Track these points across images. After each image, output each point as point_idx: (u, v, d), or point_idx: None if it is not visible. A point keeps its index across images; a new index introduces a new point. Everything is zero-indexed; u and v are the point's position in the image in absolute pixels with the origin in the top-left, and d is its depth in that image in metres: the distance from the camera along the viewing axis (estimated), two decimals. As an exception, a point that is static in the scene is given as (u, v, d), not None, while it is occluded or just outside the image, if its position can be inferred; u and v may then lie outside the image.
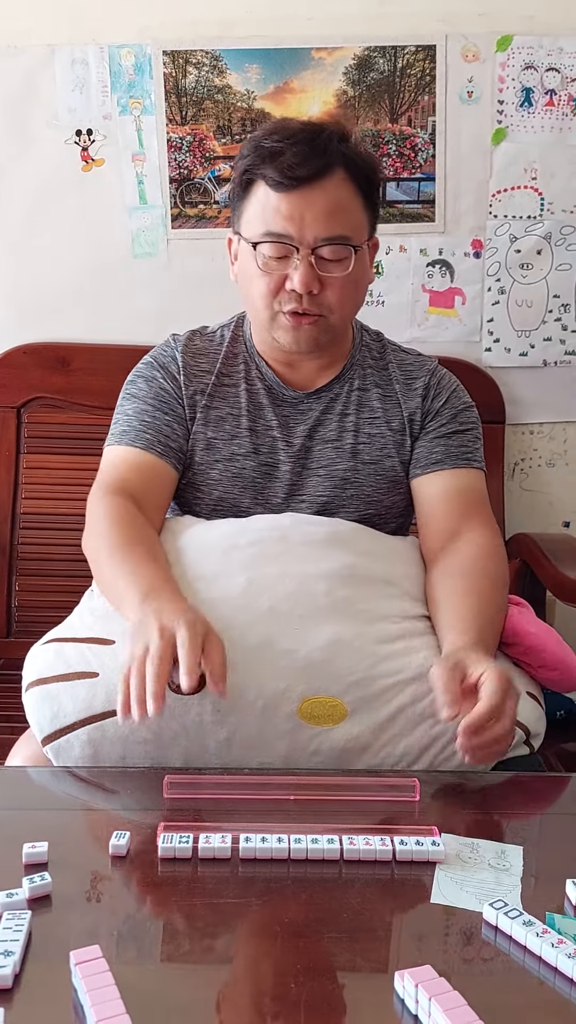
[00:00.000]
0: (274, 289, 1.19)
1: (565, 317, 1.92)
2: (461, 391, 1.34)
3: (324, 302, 1.19)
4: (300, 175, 1.14)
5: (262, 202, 1.17)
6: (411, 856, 0.83)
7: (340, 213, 1.17)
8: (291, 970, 0.69)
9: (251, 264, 1.20)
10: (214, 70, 1.83)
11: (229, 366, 1.31)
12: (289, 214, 1.15)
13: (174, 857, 0.83)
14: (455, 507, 1.25)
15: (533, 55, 1.82)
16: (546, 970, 0.70)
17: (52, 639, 1.12)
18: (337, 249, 1.17)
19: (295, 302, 1.18)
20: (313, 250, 1.16)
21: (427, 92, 1.83)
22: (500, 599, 1.16)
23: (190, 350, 1.31)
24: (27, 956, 0.70)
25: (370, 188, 1.21)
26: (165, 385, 1.28)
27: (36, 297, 1.90)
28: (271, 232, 1.16)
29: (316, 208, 1.15)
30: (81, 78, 1.83)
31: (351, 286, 1.21)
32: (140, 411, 1.27)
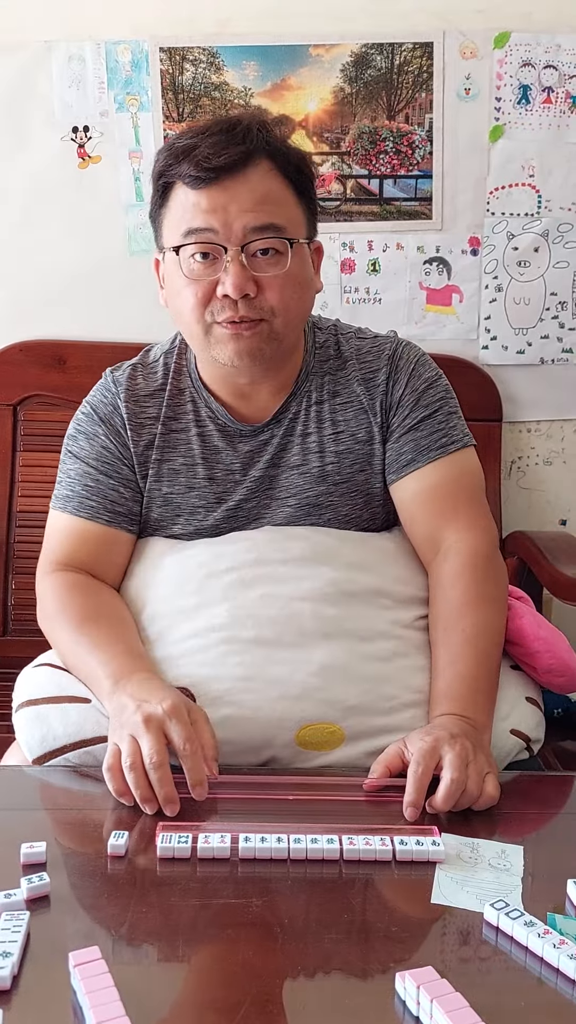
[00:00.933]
0: (204, 298, 1.06)
1: (562, 315, 1.92)
2: (422, 366, 1.19)
3: (263, 305, 1.06)
4: (218, 164, 1.03)
5: (181, 203, 1.06)
6: (411, 856, 0.83)
7: (269, 203, 1.05)
8: (291, 971, 0.69)
9: (176, 274, 1.07)
10: (211, 67, 1.82)
11: (176, 407, 1.18)
12: (211, 207, 1.04)
13: (173, 857, 0.82)
14: (433, 509, 1.15)
15: (531, 52, 1.82)
16: (548, 971, 0.70)
17: (45, 663, 1.11)
18: (271, 243, 1.05)
19: (230, 309, 1.05)
20: (243, 247, 1.04)
21: (424, 89, 1.83)
22: (491, 638, 1.07)
23: (133, 395, 1.18)
24: (25, 957, 0.70)
25: (302, 180, 1.09)
26: (108, 444, 1.18)
27: (32, 294, 1.89)
28: (192, 229, 1.05)
29: (241, 198, 1.03)
30: (78, 75, 1.82)
31: (293, 285, 1.07)
32: (83, 473, 1.17)
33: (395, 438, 1.18)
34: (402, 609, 1.12)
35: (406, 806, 0.89)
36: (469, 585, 1.10)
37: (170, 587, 1.13)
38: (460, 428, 1.19)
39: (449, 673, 1.04)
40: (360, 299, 1.90)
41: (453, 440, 1.17)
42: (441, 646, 1.07)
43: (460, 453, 1.17)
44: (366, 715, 1.02)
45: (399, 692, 1.05)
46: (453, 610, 1.09)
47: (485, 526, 1.16)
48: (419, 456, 1.16)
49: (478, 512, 1.17)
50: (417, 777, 0.90)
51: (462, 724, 0.97)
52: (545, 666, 1.13)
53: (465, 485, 1.17)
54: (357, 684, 1.03)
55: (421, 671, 1.08)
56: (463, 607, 1.08)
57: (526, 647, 1.13)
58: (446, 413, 1.18)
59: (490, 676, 1.05)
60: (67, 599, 1.12)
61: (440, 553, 1.14)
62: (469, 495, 1.17)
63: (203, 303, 1.06)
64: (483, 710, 1.02)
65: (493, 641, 1.08)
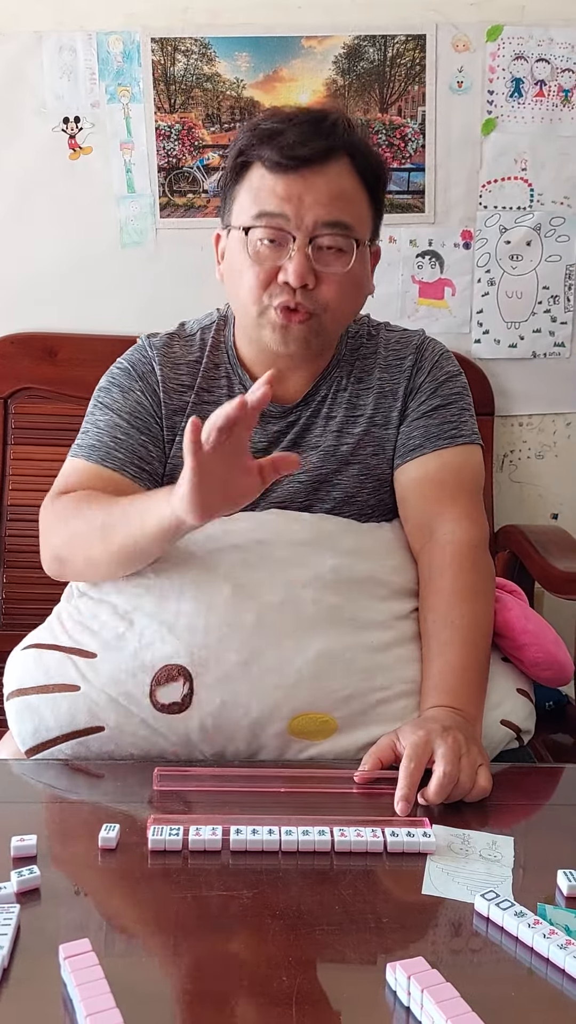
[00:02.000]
0: (264, 281, 1.09)
1: (554, 309, 1.92)
2: (446, 360, 1.23)
3: (319, 298, 1.09)
4: (301, 155, 1.05)
5: (256, 185, 1.09)
6: (402, 847, 0.83)
7: (343, 200, 1.08)
8: (282, 962, 0.69)
9: (241, 253, 1.10)
10: (203, 58, 1.81)
11: (210, 379, 1.20)
12: (287, 194, 1.06)
13: (164, 849, 0.82)
14: (429, 496, 1.16)
15: (523, 45, 1.81)
16: (538, 961, 0.70)
17: (32, 644, 1.09)
18: (337, 239, 1.08)
19: (287, 294, 1.08)
20: (311, 240, 1.07)
21: (417, 82, 1.82)
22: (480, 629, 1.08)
23: (168, 360, 1.20)
24: (16, 950, 0.70)
25: (376, 185, 1.12)
26: (143, 400, 1.18)
27: (23, 287, 1.88)
28: (265, 212, 1.07)
29: (317, 191, 1.06)
30: (69, 65, 1.81)
31: (350, 284, 1.11)
32: (113, 425, 1.17)
33: (408, 422, 1.20)
34: (398, 600, 1.12)
35: (397, 800, 0.89)
36: (458, 576, 1.10)
37: (175, 553, 1.10)
38: (471, 426, 1.21)
39: (439, 664, 1.04)
40: (352, 292, 1.90)
41: (462, 433, 1.19)
42: (431, 637, 1.07)
43: (466, 448, 1.19)
44: (359, 705, 1.03)
45: (392, 683, 1.05)
46: (443, 601, 1.09)
47: (477, 519, 1.16)
48: (426, 443, 1.18)
49: (472, 505, 1.17)
50: (409, 772, 0.90)
51: (454, 716, 0.97)
52: (532, 659, 1.13)
53: (465, 479, 1.18)
54: (351, 674, 1.03)
55: (414, 662, 1.08)
56: (453, 598, 1.08)
57: (514, 640, 1.14)
58: (460, 408, 1.20)
59: (480, 667, 1.06)
60: (90, 497, 1.10)
61: (431, 541, 1.14)
62: (467, 488, 1.17)
63: (263, 285, 1.09)
64: (474, 701, 1.02)
65: (482, 632, 1.08)
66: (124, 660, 1.03)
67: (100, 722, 1.01)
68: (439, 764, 0.90)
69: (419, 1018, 0.63)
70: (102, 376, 1.23)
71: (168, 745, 1.02)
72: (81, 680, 1.03)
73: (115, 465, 1.15)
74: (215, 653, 1.02)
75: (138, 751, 1.02)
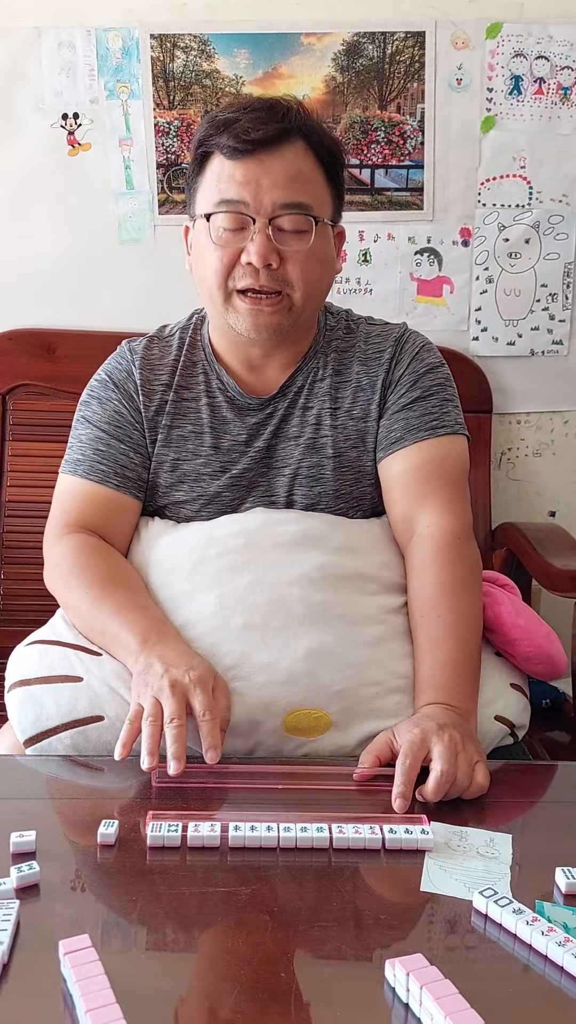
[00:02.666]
0: (228, 264, 1.11)
1: (552, 306, 1.92)
2: (427, 352, 1.23)
3: (284, 277, 1.10)
4: (256, 138, 1.08)
5: (216, 173, 1.11)
6: (400, 844, 0.83)
7: (300, 181, 1.10)
8: (281, 959, 0.69)
9: (205, 239, 1.12)
10: (202, 54, 1.81)
11: (188, 376, 1.22)
12: (245, 179, 1.08)
13: (163, 846, 0.82)
14: (412, 490, 1.16)
15: (523, 43, 1.81)
16: (536, 958, 0.70)
17: (36, 640, 1.11)
18: (297, 219, 1.10)
19: (251, 277, 1.10)
20: (271, 220, 1.09)
21: (416, 79, 1.82)
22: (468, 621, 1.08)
23: (147, 363, 1.22)
24: (15, 946, 0.70)
25: (333, 164, 1.14)
26: (121, 408, 1.21)
27: (21, 283, 1.88)
28: (225, 200, 1.10)
29: (274, 173, 1.08)
30: (68, 61, 1.80)
31: (314, 261, 1.12)
32: (95, 438, 1.20)
33: (388, 415, 1.19)
34: (388, 594, 1.13)
35: (395, 797, 0.89)
36: (443, 569, 1.10)
37: (162, 574, 1.13)
38: (454, 416, 1.20)
39: (430, 660, 1.04)
40: (351, 290, 1.90)
41: (444, 424, 1.18)
42: (420, 632, 1.08)
43: (449, 439, 1.18)
44: (352, 701, 1.03)
45: (385, 677, 1.05)
46: (429, 596, 1.09)
47: (459, 510, 1.16)
48: (407, 435, 1.17)
49: (454, 496, 1.16)
50: (405, 770, 0.90)
51: (449, 713, 0.98)
52: (523, 654, 1.14)
53: (448, 470, 1.17)
54: (344, 670, 1.03)
55: (407, 656, 1.08)
56: (439, 593, 1.09)
57: (504, 635, 1.14)
58: (441, 399, 1.20)
59: (471, 661, 1.06)
60: (84, 561, 1.13)
61: (415, 536, 1.15)
62: (449, 480, 1.17)
63: (227, 268, 1.11)
64: (467, 696, 1.02)
65: (471, 625, 1.08)
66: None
67: (100, 712, 1.02)
68: (436, 762, 0.90)
69: (418, 1015, 0.64)
70: (89, 381, 1.27)
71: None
72: (84, 672, 1.04)
73: (99, 478, 1.19)
74: (209, 658, 1.02)
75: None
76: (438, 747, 0.91)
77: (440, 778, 0.89)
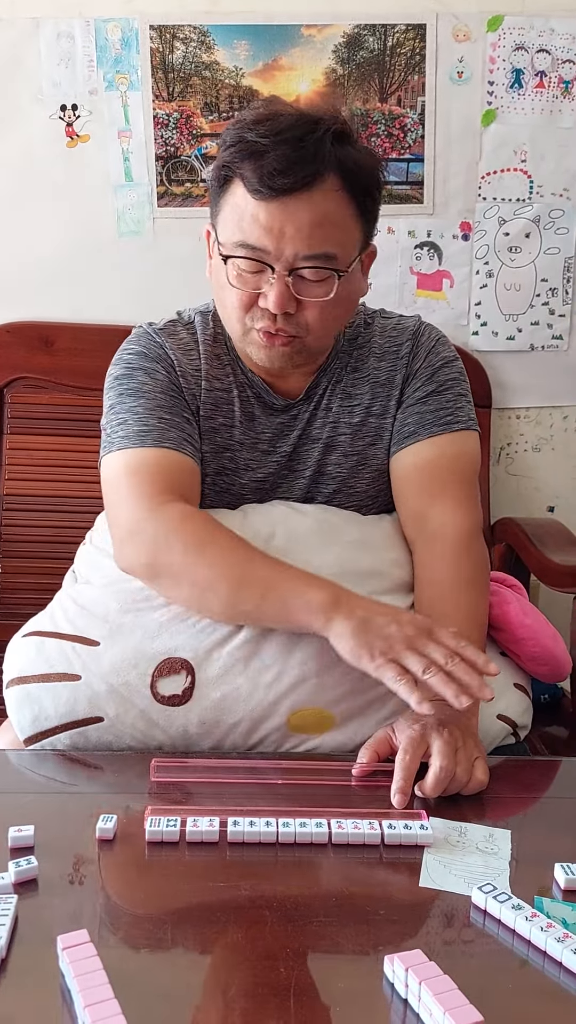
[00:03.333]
0: (246, 304, 1.07)
1: (553, 301, 1.91)
2: (443, 345, 1.21)
3: (300, 322, 1.07)
4: (281, 186, 1.00)
5: (240, 207, 1.04)
6: (399, 840, 0.83)
7: (327, 228, 1.03)
8: (280, 954, 0.69)
9: (222, 273, 1.07)
10: (202, 46, 1.80)
11: (216, 368, 1.18)
12: (268, 225, 1.02)
13: (161, 841, 0.82)
14: (422, 485, 1.15)
15: (524, 36, 1.81)
16: (535, 954, 0.70)
17: (33, 632, 1.09)
18: (319, 272, 1.04)
19: (268, 320, 1.06)
20: (292, 270, 1.04)
21: (417, 72, 1.81)
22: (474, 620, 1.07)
23: (178, 345, 1.17)
24: (13, 940, 0.70)
25: (367, 198, 1.08)
26: (172, 377, 1.15)
27: (19, 275, 1.87)
28: (246, 244, 1.04)
29: (298, 221, 1.02)
30: (67, 52, 1.79)
31: (333, 308, 1.07)
32: (153, 407, 1.12)
33: (403, 408, 1.18)
34: (398, 594, 1.12)
35: (394, 793, 0.89)
36: (451, 567, 1.10)
37: None
38: (467, 412, 1.19)
39: None
40: (350, 283, 1.89)
41: (458, 420, 1.17)
42: None
43: (462, 434, 1.17)
44: (357, 700, 1.02)
45: None
46: (436, 594, 1.09)
47: (470, 508, 1.15)
48: (420, 430, 1.16)
49: (466, 494, 1.16)
50: (405, 765, 0.90)
51: (449, 710, 0.97)
52: (529, 654, 1.13)
53: (460, 467, 1.16)
54: (352, 670, 1.02)
55: None
56: (445, 591, 1.08)
57: (511, 634, 1.14)
58: (455, 394, 1.18)
59: None
60: (212, 530, 1.05)
61: (424, 533, 1.14)
62: (461, 477, 1.16)
63: (245, 308, 1.07)
64: None
65: (476, 624, 1.08)
66: (127, 650, 1.02)
67: (100, 712, 1.01)
68: (435, 758, 0.90)
69: (416, 1010, 0.63)
70: (104, 363, 1.20)
71: (166, 738, 1.02)
72: (82, 669, 1.03)
73: (174, 445, 1.11)
74: (218, 648, 1.02)
75: (136, 743, 1.02)
76: (437, 743, 0.91)
77: (439, 774, 0.89)
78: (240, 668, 1.01)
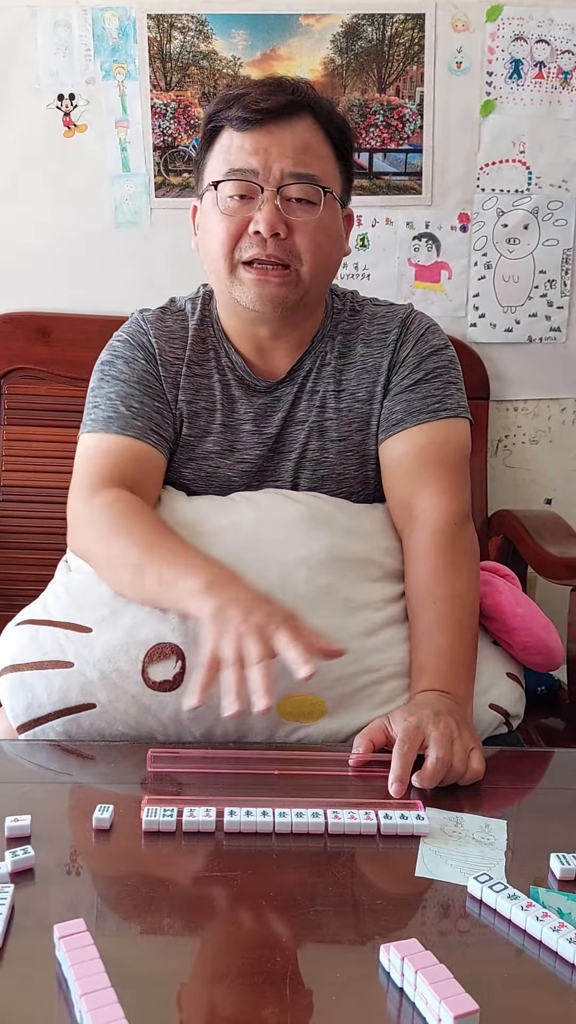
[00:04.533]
0: (235, 233, 1.09)
1: (551, 293, 1.91)
2: (432, 333, 1.21)
3: (292, 249, 1.09)
4: (265, 108, 1.08)
5: (226, 145, 1.11)
6: (396, 830, 0.83)
7: (309, 154, 1.10)
8: (276, 943, 0.69)
9: (212, 210, 1.11)
10: (200, 35, 1.79)
11: (199, 352, 1.20)
12: (254, 148, 1.09)
13: (158, 830, 0.82)
14: (411, 473, 1.15)
15: (523, 26, 1.80)
16: (531, 943, 0.70)
17: (27, 620, 1.09)
18: (306, 189, 1.09)
19: (258, 247, 1.08)
20: (279, 190, 1.08)
21: (416, 62, 1.81)
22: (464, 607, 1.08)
23: (162, 333, 1.20)
24: (10, 930, 0.70)
25: (342, 142, 1.14)
26: (148, 368, 1.19)
27: (16, 266, 1.86)
28: (234, 169, 1.09)
29: (283, 143, 1.09)
30: (64, 41, 1.78)
31: (322, 234, 1.11)
32: (126, 394, 1.16)
33: (391, 396, 1.18)
34: (389, 581, 1.12)
35: (392, 782, 0.89)
36: (440, 554, 1.10)
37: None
38: (456, 399, 1.19)
39: (426, 646, 1.04)
40: (349, 275, 1.89)
41: (446, 407, 1.17)
42: (417, 618, 1.08)
43: (450, 422, 1.17)
44: (349, 687, 1.03)
45: (382, 664, 1.05)
46: (425, 581, 1.09)
47: (457, 495, 1.15)
48: (408, 417, 1.16)
49: (453, 481, 1.15)
50: (402, 754, 0.90)
51: (445, 700, 0.98)
52: (521, 644, 1.13)
53: (448, 454, 1.16)
54: (343, 656, 1.03)
55: (404, 642, 1.08)
56: (435, 578, 1.09)
57: (503, 624, 1.14)
58: (445, 381, 1.18)
59: (467, 647, 1.06)
60: (130, 514, 1.08)
61: (412, 521, 1.14)
62: (449, 464, 1.16)
63: (234, 238, 1.10)
64: (463, 683, 1.02)
65: (467, 610, 1.08)
66: (118, 635, 1.03)
67: (92, 699, 1.01)
68: (432, 749, 0.90)
69: (412, 999, 0.64)
70: (100, 353, 1.23)
71: (158, 724, 1.02)
72: (75, 656, 1.03)
73: (136, 433, 1.15)
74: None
75: (129, 729, 1.02)
76: (434, 734, 0.91)
77: (436, 765, 0.89)
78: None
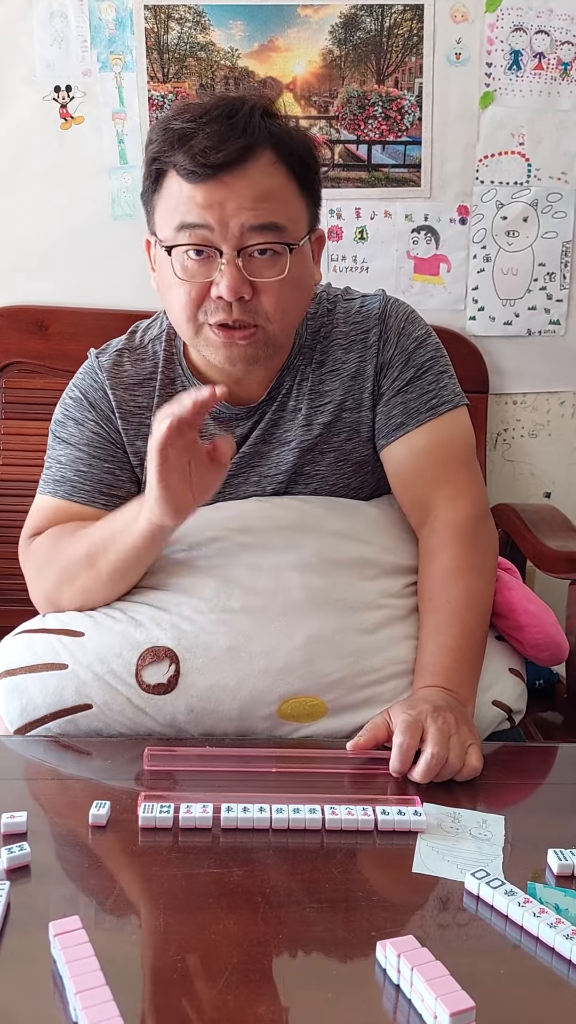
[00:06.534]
0: (197, 298, 1.01)
1: (550, 286, 1.90)
2: (411, 323, 1.15)
3: (259, 310, 1.01)
4: (215, 161, 0.95)
5: (175, 194, 0.99)
6: (393, 826, 0.83)
7: (270, 201, 0.98)
8: (272, 940, 0.69)
9: (168, 270, 1.02)
10: (197, 26, 1.78)
11: (167, 396, 1.12)
12: (207, 202, 0.97)
13: (155, 827, 0.82)
14: (422, 476, 1.13)
15: (523, 17, 1.79)
16: (528, 939, 0.70)
17: (23, 631, 1.10)
18: (269, 243, 0.99)
19: (223, 312, 1.00)
20: (240, 251, 0.98)
21: (415, 53, 1.80)
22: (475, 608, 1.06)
23: (120, 383, 1.14)
24: (5, 927, 0.70)
25: (306, 172, 1.02)
26: (99, 429, 1.14)
27: (12, 259, 1.85)
28: (186, 224, 0.98)
29: (239, 195, 0.97)
30: (60, 32, 1.77)
31: (290, 289, 1.02)
32: (74, 459, 1.14)
33: (385, 400, 1.14)
34: (389, 578, 1.12)
35: (391, 770, 0.90)
36: (456, 555, 1.09)
37: (159, 557, 1.10)
38: (451, 388, 1.15)
39: (433, 645, 1.04)
40: (347, 267, 1.88)
41: (444, 401, 1.14)
42: (427, 616, 1.07)
43: (451, 414, 1.14)
44: (349, 688, 1.02)
45: (383, 664, 1.05)
46: (439, 581, 1.08)
47: (474, 493, 1.14)
48: (409, 419, 1.13)
49: (468, 478, 1.14)
50: (401, 745, 0.90)
51: (445, 696, 0.97)
52: (532, 640, 1.13)
53: (456, 449, 1.14)
54: (342, 658, 1.03)
55: (405, 640, 1.07)
56: (449, 577, 1.08)
57: (514, 620, 1.14)
58: (436, 373, 1.15)
59: (475, 648, 1.05)
60: (63, 531, 1.12)
61: (428, 521, 1.13)
62: (459, 460, 1.14)
63: (196, 303, 1.02)
64: (467, 682, 1.02)
65: (479, 612, 1.08)
66: (111, 638, 1.03)
67: (88, 700, 1.01)
68: (428, 744, 0.90)
69: (409, 996, 0.64)
70: (62, 395, 1.21)
71: (155, 725, 1.02)
72: (69, 658, 1.03)
73: (83, 499, 1.14)
74: (202, 639, 1.02)
75: (126, 730, 1.02)
76: (431, 729, 0.91)
77: (431, 760, 0.89)
78: (227, 658, 1.01)
